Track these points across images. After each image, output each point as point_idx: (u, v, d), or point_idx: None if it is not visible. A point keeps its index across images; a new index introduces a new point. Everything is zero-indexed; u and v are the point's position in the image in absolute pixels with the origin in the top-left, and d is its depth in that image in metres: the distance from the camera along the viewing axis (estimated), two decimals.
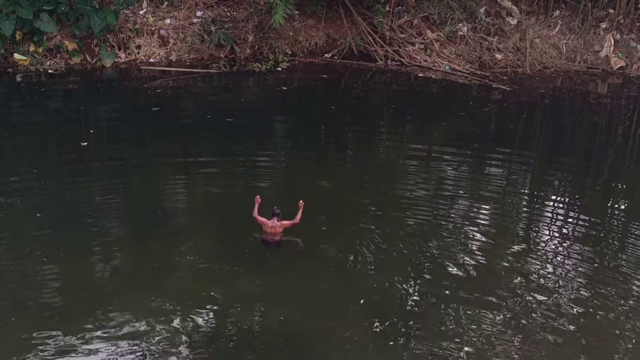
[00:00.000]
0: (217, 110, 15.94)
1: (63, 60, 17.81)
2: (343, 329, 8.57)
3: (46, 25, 17.32)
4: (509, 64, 19.66)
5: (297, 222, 10.03)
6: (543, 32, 20.28)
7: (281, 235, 10.09)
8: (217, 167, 12.84)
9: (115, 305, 8.72)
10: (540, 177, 13.46)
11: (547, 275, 9.81)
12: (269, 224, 10.05)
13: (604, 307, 9.17)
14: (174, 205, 11.35)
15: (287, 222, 10.06)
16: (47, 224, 10.50)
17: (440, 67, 19.37)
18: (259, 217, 10.12)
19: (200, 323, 8.55)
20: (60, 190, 11.75)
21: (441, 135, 15.53)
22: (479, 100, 17.84)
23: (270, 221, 10.04)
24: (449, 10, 19.78)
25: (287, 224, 10.06)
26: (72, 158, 13.07)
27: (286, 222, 10.06)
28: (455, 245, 10.41)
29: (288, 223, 10.06)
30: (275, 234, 10.07)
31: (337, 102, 17.38)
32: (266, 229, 10.07)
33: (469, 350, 8.24)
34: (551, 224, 11.39)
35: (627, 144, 15.72)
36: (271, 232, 10.06)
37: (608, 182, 13.47)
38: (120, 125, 14.85)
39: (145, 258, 9.89)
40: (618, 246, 10.77)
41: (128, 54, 18.43)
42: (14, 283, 9.13)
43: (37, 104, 15.80)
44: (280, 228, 10.06)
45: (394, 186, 12.48)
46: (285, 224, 10.06)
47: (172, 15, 19.07)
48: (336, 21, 19.83)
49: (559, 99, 18.34)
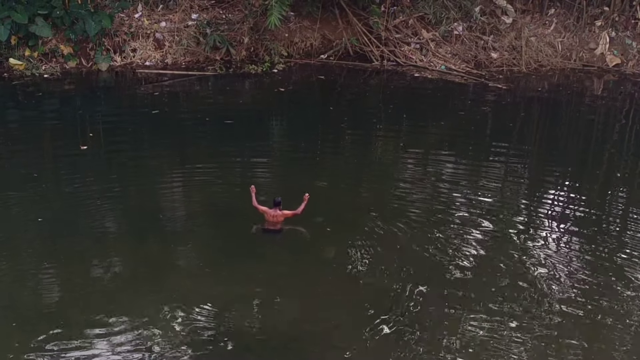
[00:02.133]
0: (216, 112, 15.91)
1: (59, 64, 17.76)
2: (342, 330, 8.56)
3: (41, 29, 17.27)
4: (505, 63, 19.66)
5: (298, 213, 10.14)
6: (538, 30, 20.29)
7: (282, 224, 10.20)
8: (219, 169, 12.81)
9: (116, 308, 8.72)
10: (543, 174, 13.44)
11: (547, 274, 9.80)
12: (270, 212, 10.19)
13: (605, 304, 9.19)
14: (176, 208, 11.36)
15: (288, 212, 10.18)
16: (48, 228, 10.48)
17: (436, 67, 19.36)
18: (259, 207, 10.24)
19: (200, 325, 8.53)
20: (61, 194, 11.73)
21: (441, 135, 15.52)
22: (476, 100, 17.85)
23: (272, 210, 10.18)
24: (444, 9, 19.77)
25: (288, 214, 10.18)
26: (73, 161, 13.03)
27: (288, 212, 10.19)
28: (455, 245, 10.41)
29: (289, 213, 10.17)
30: (277, 222, 10.20)
31: (336, 103, 17.38)
32: (268, 217, 10.21)
33: (469, 352, 8.22)
34: (551, 221, 11.40)
35: (624, 140, 15.73)
36: (272, 221, 10.20)
37: (606, 179, 13.47)
38: (119, 129, 14.81)
39: (146, 261, 9.88)
40: (616, 241, 10.78)
41: (124, 58, 18.39)
42: (14, 287, 9.12)
43: (34, 108, 15.78)
44: (282, 217, 10.19)
45: (393, 187, 12.46)
46: (287, 213, 10.19)
47: (167, 18, 19.03)
48: (331, 22, 19.81)
49: (556, 97, 18.34)
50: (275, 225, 10.25)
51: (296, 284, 9.48)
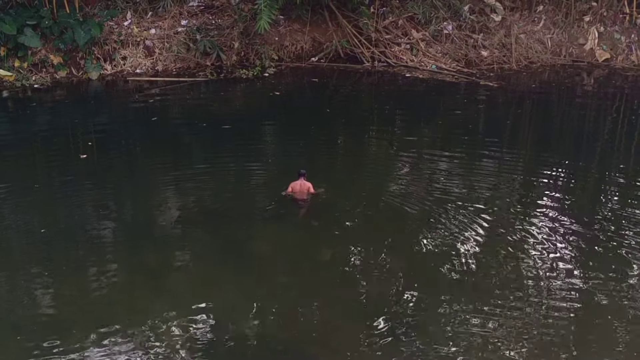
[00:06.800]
0: (212, 118, 15.82)
1: (49, 74, 17.67)
2: (341, 332, 8.52)
3: (30, 40, 17.20)
4: (495, 61, 19.74)
5: (313, 192, 11.26)
6: (527, 27, 20.38)
7: (308, 195, 11.22)
8: (219, 173, 12.72)
9: (114, 316, 8.67)
10: (539, 170, 13.39)
11: (545, 272, 9.75)
12: (297, 184, 11.22)
13: (604, 301, 9.18)
14: (173, 214, 11.24)
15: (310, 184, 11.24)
16: (48, 237, 10.45)
17: (427, 67, 19.40)
18: (288, 191, 11.25)
19: (198, 330, 8.49)
20: (64, 203, 11.61)
21: (435, 134, 15.52)
22: (469, 98, 17.87)
23: (299, 182, 11.21)
24: (433, 9, 19.86)
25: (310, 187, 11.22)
26: (74, 171, 12.95)
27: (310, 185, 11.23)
28: (453, 244, 10.36)
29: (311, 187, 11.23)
30: (304, 192, 11.22)
31: (331, 105, 17.35)
32: (295, 190, 11.23)
33: (469, 352, 8.19)
34: (547, 218, 11.38)
35: (615, 133, 15.81)
36: (300, 191, 11.21)
37: (601, 173, 13.51)
38: (117, 137, 14.66)
39: (147, 269, 9.83)
40: (613, 236, 10.75)
41: (114, 66, 18.33)
42: (15, 297, 9.07)
43: (29, 119, 15.69)
44: (307, 187, 11.20)
45: (390, 187, 12.43)
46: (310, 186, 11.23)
47: (156, 25, 18.99)
48: (321, 24, 19.83)
49: (548, 93, 18.40)
50: (302, 195, 11.19)
51: (294, 287, 9.44)
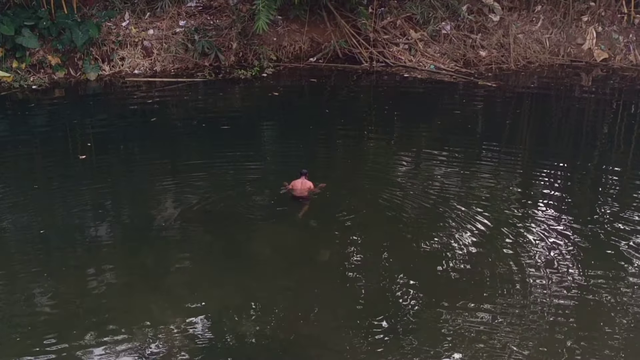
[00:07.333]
0: (211, 118, 15.81)
1: (47, 75, 17.64)
2: (340, 332, 8.50)
3: (28, 40, 17.16)
4: (494, 61, 19.72)
5: (313, 189, 11.36)
6: (526, 27, 20.37)
7: (309, 193, 11.31)
8: (222, 175, 12.71)
9: (113, 317, 8.66)
10: (538, 170, 13.38)
11: (544, 271, 9.74)
12: (298, 182, 11.34)
13: (601, 299, 9.19)
14: (172, 214, 11.21)
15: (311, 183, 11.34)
16: (48, 239, 10.44)
17: (426, 67, 19.39)
18: (288, 187, 11.39)
19: (197, 331, 8.49)
20: (62, 204, 11.60)
21: (434, 134, 15.51)
22: (467, 98, 17.86)
23: (300, 180, 11.33)
24: (432, 9, 19.83)
25: (311, 185, 11.33)
26: (73, 171, 12.93)
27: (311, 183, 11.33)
28: (453, 244, 10.35)
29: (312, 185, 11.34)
30: (304, 190, 11.32)
31: (330, 106, 17.31)
32: (296, 187, 11.34)
33: (468, 352, 8.18)
34: (546, 216, 11.39)
35: (613, 132, 15.82)
36: (300, 189, 11.32)
37: (599, 172, 13.50)
38: (115, 137, 14.66)
39: (146, 269, 9.83)
40: (612, 234, 10.76)
41: (112, 67, 18.29)
42: (14, 297, 9.07)
43: (27, 120, 15.67)
44: (308, 186, 11.29)
45: (388, 187, 12.38)
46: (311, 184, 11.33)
47: (154, 25, 18.95)
48: (319, 25, 19.81)
49: (546, 93, 18.40)
50: (303, 192, 11.30)
51: (293, 287, 9.44)
